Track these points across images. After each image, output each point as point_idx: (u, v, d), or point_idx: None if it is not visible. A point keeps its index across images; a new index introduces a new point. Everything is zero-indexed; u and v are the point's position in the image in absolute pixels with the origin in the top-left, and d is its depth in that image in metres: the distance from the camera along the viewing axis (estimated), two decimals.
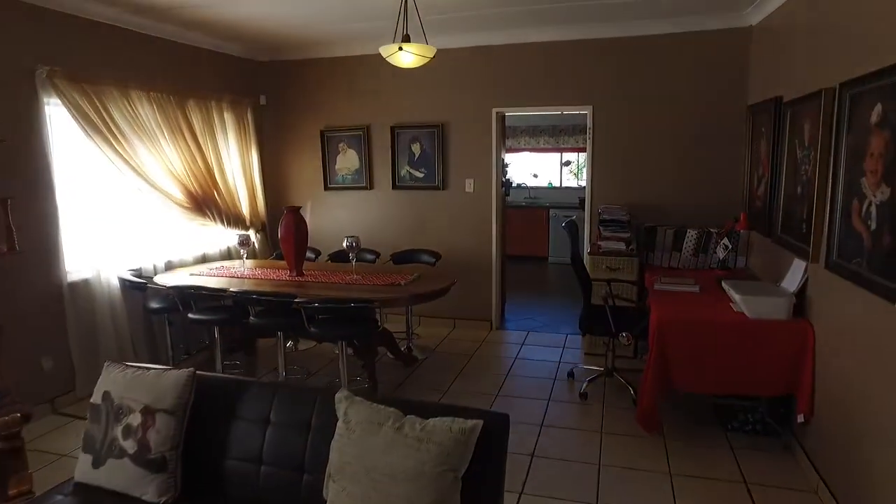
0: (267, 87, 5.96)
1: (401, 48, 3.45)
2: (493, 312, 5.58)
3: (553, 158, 9.74)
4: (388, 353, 4.66)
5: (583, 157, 9.50)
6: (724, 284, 3.53)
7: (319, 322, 3.68)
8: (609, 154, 5.02)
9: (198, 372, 2.18)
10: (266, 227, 5.94)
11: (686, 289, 3.77)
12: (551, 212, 8.93)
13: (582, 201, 9.29)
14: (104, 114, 4.06)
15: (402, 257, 5.11)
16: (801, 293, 3.12)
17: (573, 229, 4.07)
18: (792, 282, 3.19)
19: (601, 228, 4.74)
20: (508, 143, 9.57)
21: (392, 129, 5.57)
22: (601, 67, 4.95)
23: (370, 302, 3.61)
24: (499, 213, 5.48)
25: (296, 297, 3.66)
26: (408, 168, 5.61)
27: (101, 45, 4.19)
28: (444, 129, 5.43)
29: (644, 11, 4.48)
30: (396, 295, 3.79)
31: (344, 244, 4.23)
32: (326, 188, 5.93)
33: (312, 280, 4.24)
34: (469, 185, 5.44)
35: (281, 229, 4.34)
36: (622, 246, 4.64)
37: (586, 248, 5.06)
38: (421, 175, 5.57)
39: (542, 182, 9.84)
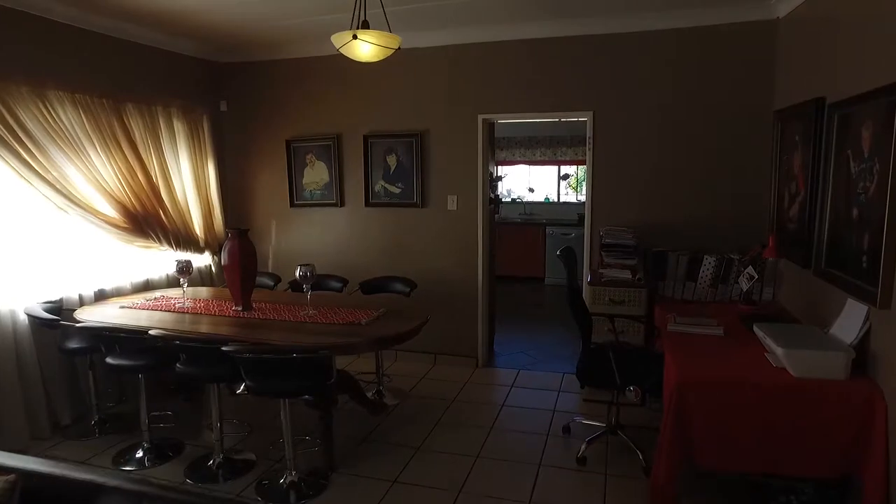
0: (228, 91, 5.32)
1: (355, 36, 2.79)
2: (479, 347, 4.89)
3: (550, 171, 9.09)
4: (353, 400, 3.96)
5: (582, 170, 8.85)
6: (756, 329, 2.84)
7: (258, 373, 2.99)
8: (612, 167, 4.35)
9: (36, 468, 1.50)
10: None
11: (707, 331, 3.09)
12: (548, 229, 8.27)
13: (581, 218, 8.62)
14: (8, 118, 3.40)
15: (373, 286, 4.43)
16: (862, 345, 2.44)
17: (570, 258, 3.38)
18: (848, 330, 2.50)
19: (603, 254, 4.06)
20: (502, 155, 8.93)
21: (365, 138, 4.92)
22: (603, 68, 4.30)
23: (318, 350, 2.92)
24: (486, 234, 4.81)
25: (229, 341, 2.98)
26: (383, 183, 4.95)
27: (7, 36, 3.53)
28: (423, 139, 4.78)
29: (651, 2, 3.84)
30: (353, 339, 3.10)
31: (297, 273, 3.55)
32: (293, 205, 5.27)
33: (259, 317, 3.56)
34: (452, 202, 4.77)
35: (224, 256, 3.67)
36: (628, 275, 3.96)
37: (586, 277, 4.38)
38: (397, 190, 4.91)
39: (538, 197, 9.18)
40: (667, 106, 4.18)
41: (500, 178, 9.22)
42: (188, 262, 3.91)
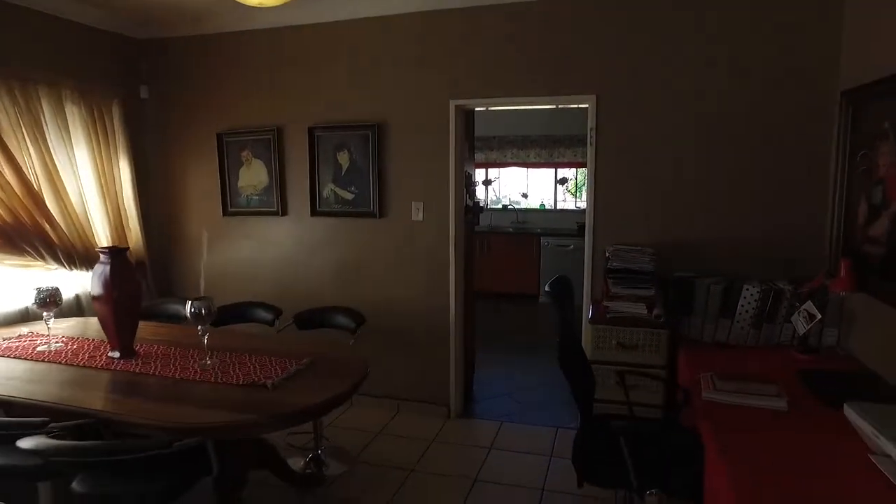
0: (150, 74, 4.34)
1: None
2: (451, 393, 3.89)
3: (546, 175, 8.11)
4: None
5: (582, 173, 7.88)
6: (850, 412, 1.85)
7: (94, 470, 2.00)
8: (621, 168, 3.38)
9: None
10: (147, 266, 4.28)
11: (763, 403, 2.10)
12: (543, 240, 7.28)
13: (581, 227, 7.66)
14: None
15: (310, 319, 3.44)
16: None
17: (563, 293, 2.39)
18: None
19: (609, 281, 3.07)
20: (493, 156, 7.96)
21: (311, 130, 3.94)
22: (609, 38, 3.33)
23: (179, 438, 1.93)
24: (461, 251, 3.82)
25: (74, 417, 2.00)
26: (332, 186, 3.96)
27: None
28: (381, 132, 3.80)
29: None
30: (242, 418, 2.10)
31: (188, 310, 2.56)
32: (226, 213, 4.28)
33: (137, 370, 2.57)
34: (417, 212, 3.79)
35: (94, 284, 2.69)
36: (642, 309, 2.98)
37: (586, 312, 3.39)
38: (350, 196, 3.92)
39: (532, 203, 8.21)
40: (693, 87, 3.21)
41: (488, 182, 8.25)
42: (54, 291, 2.92)
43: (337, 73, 3.85)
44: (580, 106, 3.47)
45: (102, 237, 3.97)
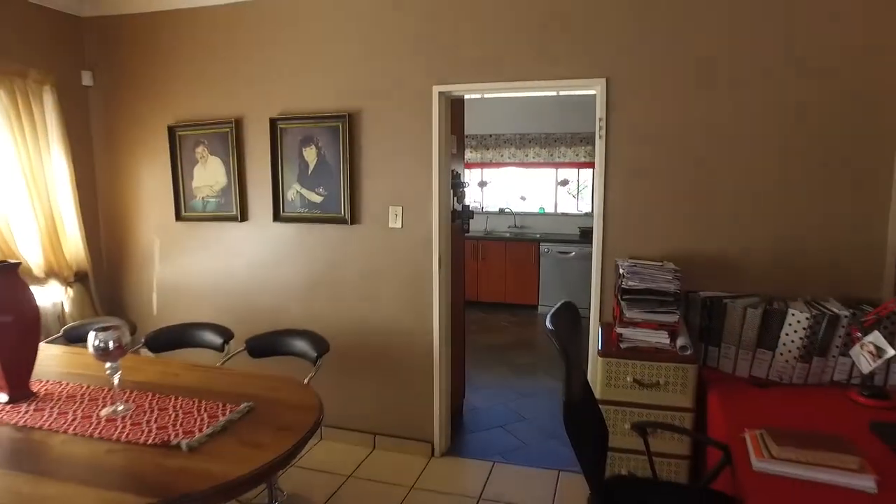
0: (94, 58, 3.80)
1: None
2: (435, 428, 3.34)
3: (546, 175, 7.57)
4: None
5: (585, 174, 7.35)
6: None
7: None
8: (635, 166, 2.83)
9: None
10: (90, 278, 3.74)
11: (842, 481, 1.56)
12: (543, 246, 6.74)
13: (584, 233, 7.12)
14: None
15: (265, 346, 2.88)
16: None
17: (568, 327, 1.84)
18: None
19: (623, 303, 2.52)
20: (489, 155, 7.43)
21: (274, 122, 3.40)
22: (622, 10, 2.79)
23: None
24: (446, 263, 3.28)
25: None
26: (298, 187, 3.42)
27: None
28: (353, 123, 3.26)
29: None
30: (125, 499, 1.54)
31: (91, 344, 2.01)
32: (180, 217, 3.73)
33: (22, 422, 2.01)
34: (395, 218, 3.24)
35: None
36: (664, 338, 2.43)
37: (596, 342, 2.85)
38: (318, 199, 3.38)
39: (531, 206, 7.66)
40: (728, 71, 2.67)
41: (483, 184, 7.71)
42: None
43: (303, 55, 3.31)
44: (586, 92, 2.93)
45: (29, 247, 3.42)
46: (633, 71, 2.78)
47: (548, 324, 1.72)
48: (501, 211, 7.67)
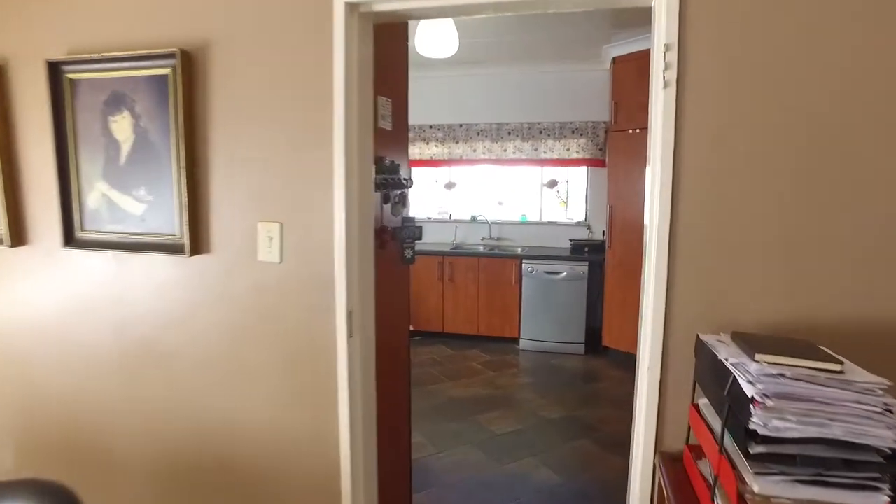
0: None
1: None
2: None
3: (530, 175, 6.16)
4: None
5: (577, 171, 5.96)
6: None
7: None
8: (737, 142, 1.41)
9: None
10: None
11: None
12: (525, 264, 5.32)
13: (579, 248, 5.75)
14: None
15: None
16: None
17: None
18: None
19: (752, 464, 1.06)
20: (456, 150, 6.00)
21: (55, 68, 1.89)
22: None
23: None
24: (363, 324, 1.81)
25: None
26: (105, 187, 1.92)
27: None
28: (193, 68, 1.78)
29: None
30: None
31: None
32: None
33: None
34: (268, 243, 1.77)
35: None
36: None
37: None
38: (139, 207, 1.88)
39: (511, 214, 6.24)
40: None
41: (451, 186, 6.26)
42: None
43: None
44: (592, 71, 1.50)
45: None
46: None
47: None
48: (474, 219, 6.22)
